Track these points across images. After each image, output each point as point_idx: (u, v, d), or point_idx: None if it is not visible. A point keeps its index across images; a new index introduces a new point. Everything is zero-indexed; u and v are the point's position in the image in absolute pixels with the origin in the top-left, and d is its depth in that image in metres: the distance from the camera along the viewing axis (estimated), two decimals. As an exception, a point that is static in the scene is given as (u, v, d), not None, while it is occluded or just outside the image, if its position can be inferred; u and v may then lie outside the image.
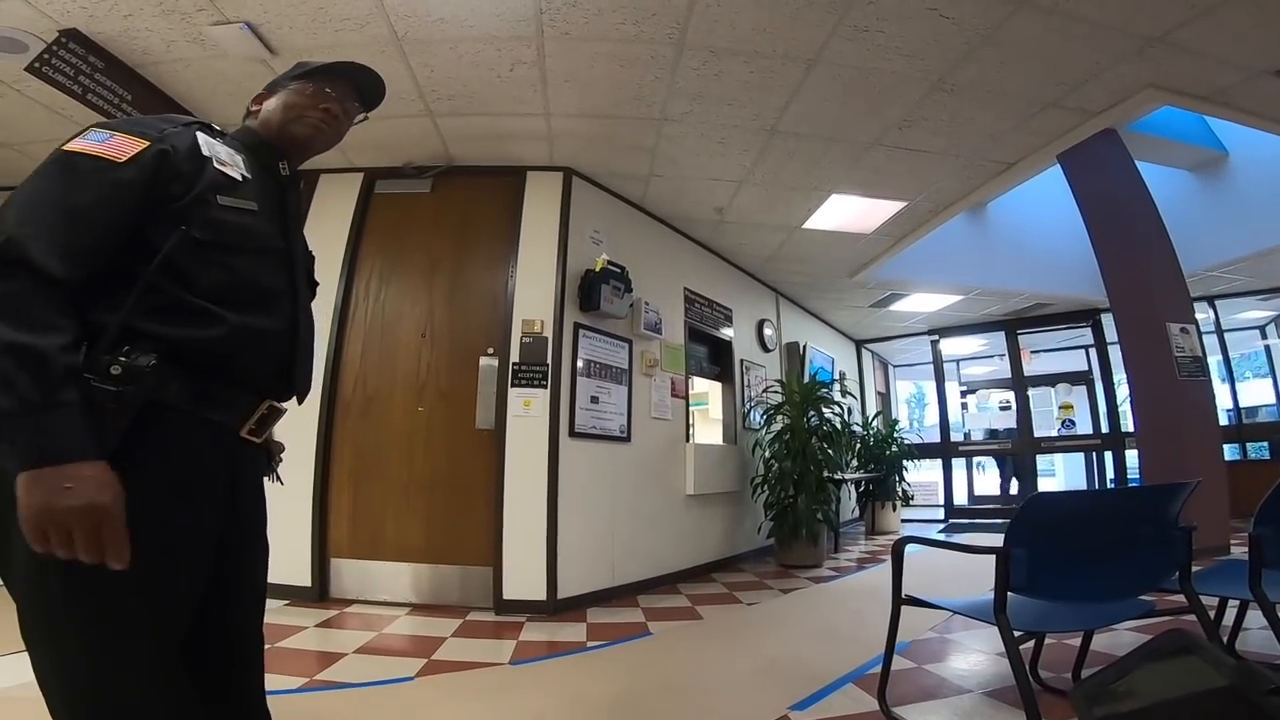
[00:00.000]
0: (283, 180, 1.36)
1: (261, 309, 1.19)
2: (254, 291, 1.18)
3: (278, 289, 1.24)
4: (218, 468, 1.16)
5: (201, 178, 1.14)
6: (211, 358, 1.11)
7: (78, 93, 3.34)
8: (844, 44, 3.35)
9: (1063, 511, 2.05)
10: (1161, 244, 5.28)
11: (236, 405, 1.19)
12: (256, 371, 1.20)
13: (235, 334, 1.13)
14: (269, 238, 1.25)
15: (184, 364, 1.08)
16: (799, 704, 2.45)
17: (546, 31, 3.27)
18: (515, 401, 4.19)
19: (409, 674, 2.79)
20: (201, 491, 1.12)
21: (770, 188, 5.04)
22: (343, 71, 1.44)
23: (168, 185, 1.10)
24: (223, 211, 1.15)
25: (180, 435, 1.09)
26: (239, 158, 1.25)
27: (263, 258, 1.22)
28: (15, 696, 2.27)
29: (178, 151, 1.12)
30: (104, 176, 1.04)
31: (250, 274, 1.18)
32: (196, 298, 1.09)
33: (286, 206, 1.34)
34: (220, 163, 1.19)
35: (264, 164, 1.33)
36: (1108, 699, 1.19)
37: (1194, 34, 3.29)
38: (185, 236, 1.09)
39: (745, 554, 6.30)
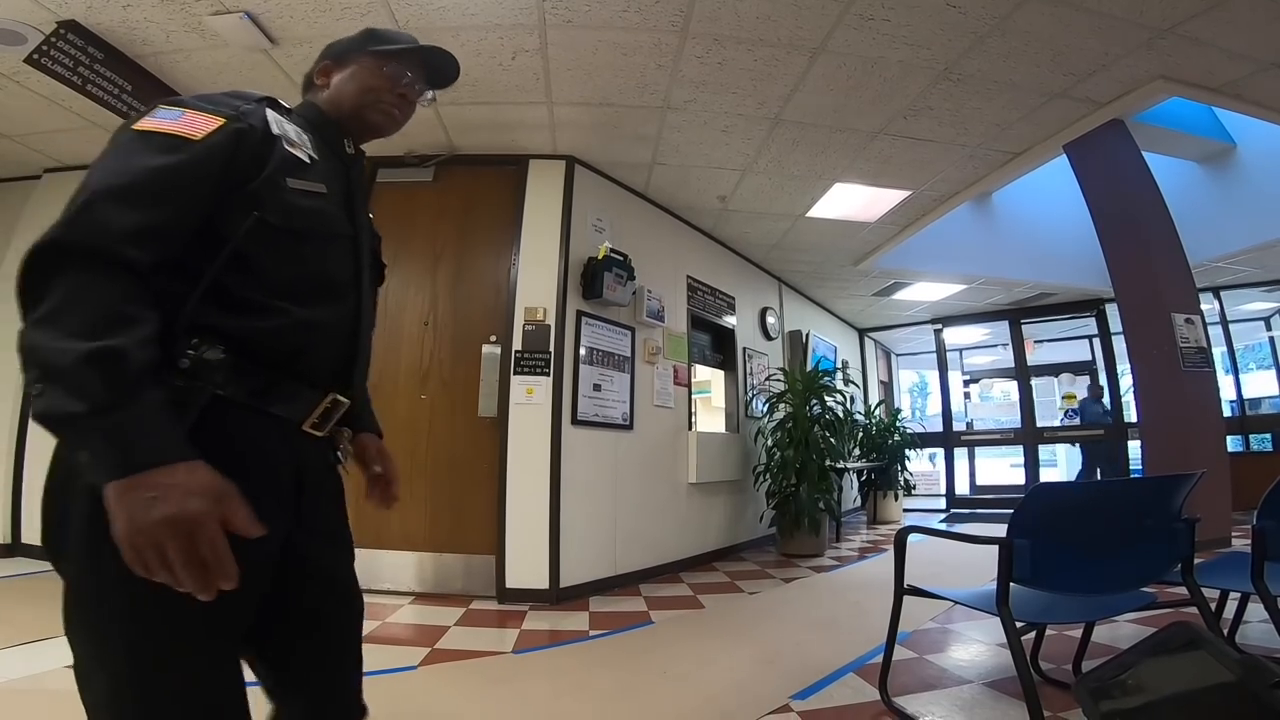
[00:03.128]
0: (347, 159, 1.27)
1: (327, 300, 1.12)
2: (321, 282, 1.12)
3: (344, 278, 1.17)
4: (282, 464, 1.08)
5: (272, 158, 1.07)
6: (277, 352, 1.05)
7: (77, 84, 3.33)
8: (849, 32, 3.32)
9: (1066, 502, 2.05)
10: (1167, 235, 5.25)
11: (300, 399, 1.10)
12: (320, 365, 1.13)
13: (300, 327, 1.06)
14: (337, 223, 1.17)
15: (249, 357, 1.01)
16: (800, 693, 2.46)
17: (549, 19, 3.24)
18: (518, 389, 4.20)
19: (412, 663, 2.81)
20: (266, 489, 1.01)
21: (774, 176, 5.02)
22: (425, 56, 1.35)
23: (244, 166, 1.03)
24: (294, 195, 1.08)
25: (244, 432, 1.02)
26: (306, 137, 1.19)
27: (331, 244, 1.15)
28: (21, 689, 2.29)
29: (254, 133, 1.06)
30: (177, 155, 0.96)
31: (318, 262, 1.12)
32: (263, 288, 1.03)
33: (352, 188, 1.26)
34: (290, 143, 1.12)
35: (329, 143, 1.25)
36: (1113, 693, 1.19)
37: (1204, 26, 3.25)
38: (258, 221, 1.02)
39: (747, 543, 6.32)
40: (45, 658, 2.57)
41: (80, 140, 4.50)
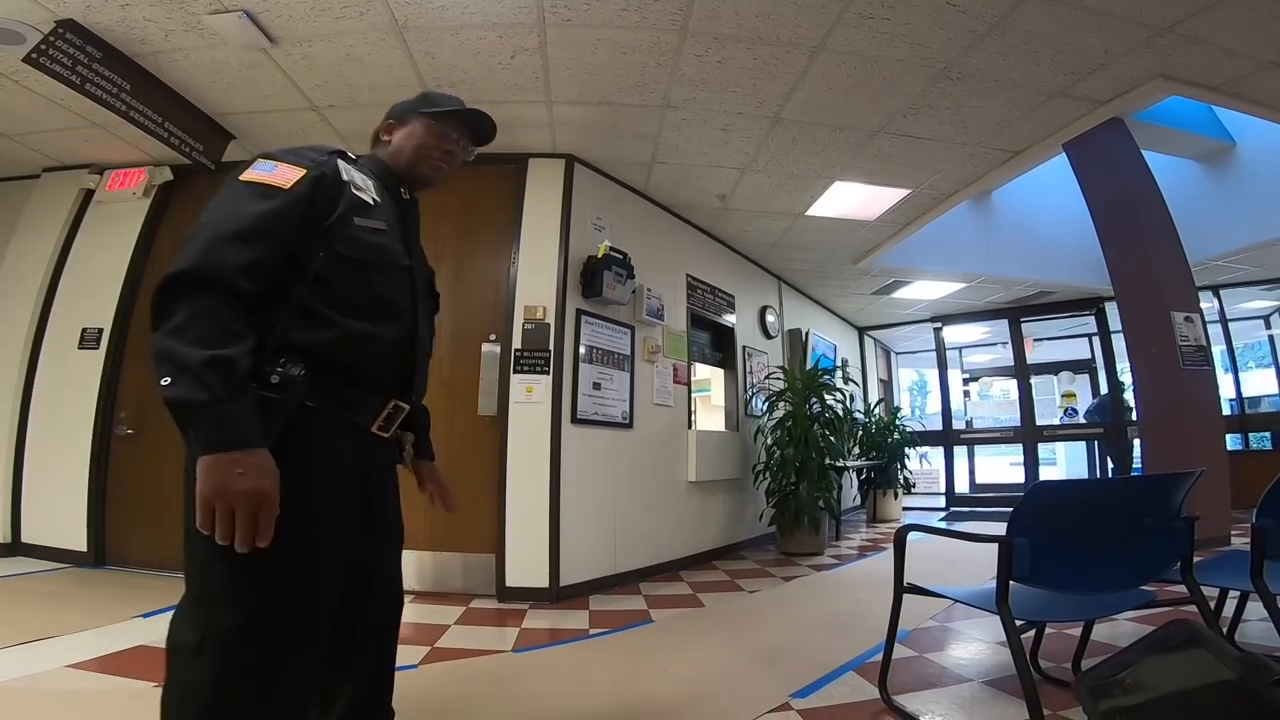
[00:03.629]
0: (404, 204, 1.52)
1: (388, 319, 1.34)
2: (384, 304, 1.34)
3: (403, 302, 1.40)
4: (353, 461, 1.31)
5: (342, 200, 1.30)
6: (347, 365, 1.27)
7: (76, 83, 3.33)
8: (849, 31, 3.32)
9: (1066, 501, 2.05)
10: (1167, 233, 5.25)
11: (367, 406, 1.33)
12: (383, 376, 1.35)
13: (363, 339, 1.28)
14: (398, 255, 1.40)
15: (325, 370, 1.23)
16: (800, 691, 2.47)
17: (548, 18, 3.24)
18: (517, 388, 4.19)
19: (412, 662, 2.80)
20: (340, 482, 1.27)
21: (773, 175, 5.02)
22: (468, 118, 1.60)
23: (321, 207, 1.27)
24: (360, 231, 1.31)
25: (324, 433, 1.24)
26: (370, 183, 1.42)
27: (392, 273, 1.38)
28: (20, 689, 2.29)
29: (328, 178, 1.30)
30: (273, 201, 1.21)
31: (382, 288, 1.34)
32: (336, 311, 1.25)
33: (408, 227, 1.51)
34: (357, 188, 1.35)
35: (390, 189, 1.49)
36: (1112, 691, 1.19)
37: (1204, 24, 3.25)
38: (331, 252, 1.26)
39: (747, 541, 6.33)
40: (44, 658, 2.57)
41: (79, 139, 4.49)
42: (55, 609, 3.27)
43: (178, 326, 1.06)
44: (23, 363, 4.54)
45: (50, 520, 4.39)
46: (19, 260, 4.78)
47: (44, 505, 4.42)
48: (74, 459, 4.35)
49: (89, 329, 4.54)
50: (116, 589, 3.77)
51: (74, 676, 2.40)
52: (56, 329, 4.61)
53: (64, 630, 2.90)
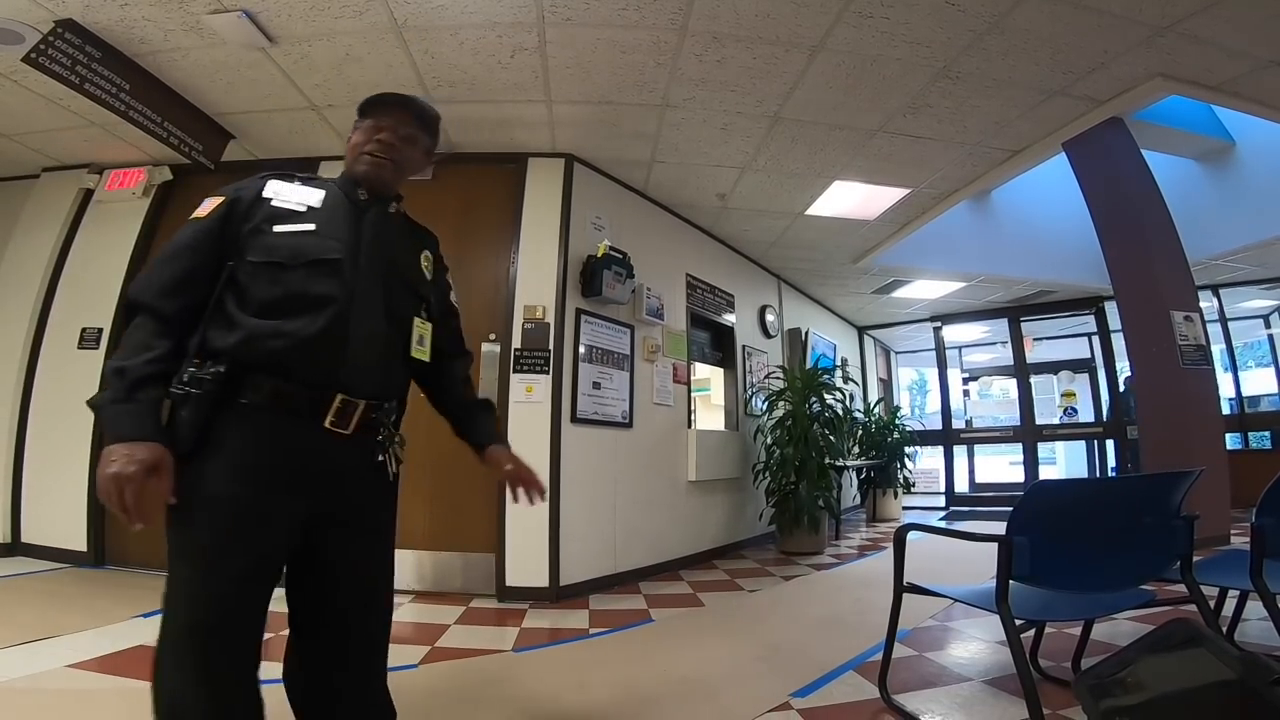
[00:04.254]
0: (363, 206, 1.55)
1: (304, 314, 1.36)
2: (303, 300, 1.37)
3: (328, 294, 1.40)
4: (289, 454, 1.35)
5: (257, 214, 1.42)
6: (265, 362, 1.32)
7: (75, 83, 3.32)
8: (848, 30, 3.32)
9: (1065, 500, 2.05)
10: (1166, 232, 5.25)
11: (308, 401, 1.36)
12: (314, 370, 1.37)
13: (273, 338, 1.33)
14: (323, 251, 1.43)
15: (250, 368, 1.31)
16: (800, 691, 2.47)
17: (548, 18, 3.24)
18: (517, 387, 4.19)
19: (412, 661, 2.81)
20: (268, 474, 1.32)
21: (773, 174, 5.01)
22: (392, 100, 1.62)
23: (235, 225, 1.40)
24: (276, 237, 1.40)
25: (253, 427, 1.31)
26: (317, 193, 1.51)
27: (312, 269, 1.40)
28: (21, 689, 2.29)
29: (243, 200, 1.43)
30: (191, 229, 1.40)
31: (300, 285, 1.38)
32: (245, 312, 1.34)
33: (366, 227, 1.53)
34: (283, 200, 1.46)
35: (348, 195, 1.56)
36: (1113, 691, 1.19)
37: (1203, 23, 3.25)
38: (243, 261, 1.37)
39: (747, 540, 6.33)
40: (44, 657, 2.57)
41: (78, 139, 4.49)
42: (55, 609, 3.27)
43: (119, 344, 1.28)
44: (22, 362, 4.54)
45: (50, 520, 4.38)
46: (18, 260, 4.78)
47: (44, 505, 4.42)
48: (74, 459, 4.34)
49: (88, 329, 4.54)
50: (116, 589, 3.77)
51: (74, 676, 2.40)
52: (56, 329, 4.61)
53: (64, 630, 2.90)
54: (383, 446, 1.50)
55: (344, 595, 1.47)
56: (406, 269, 1.62)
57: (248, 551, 1.29)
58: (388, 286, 1.52)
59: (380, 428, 1.49)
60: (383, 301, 1.49)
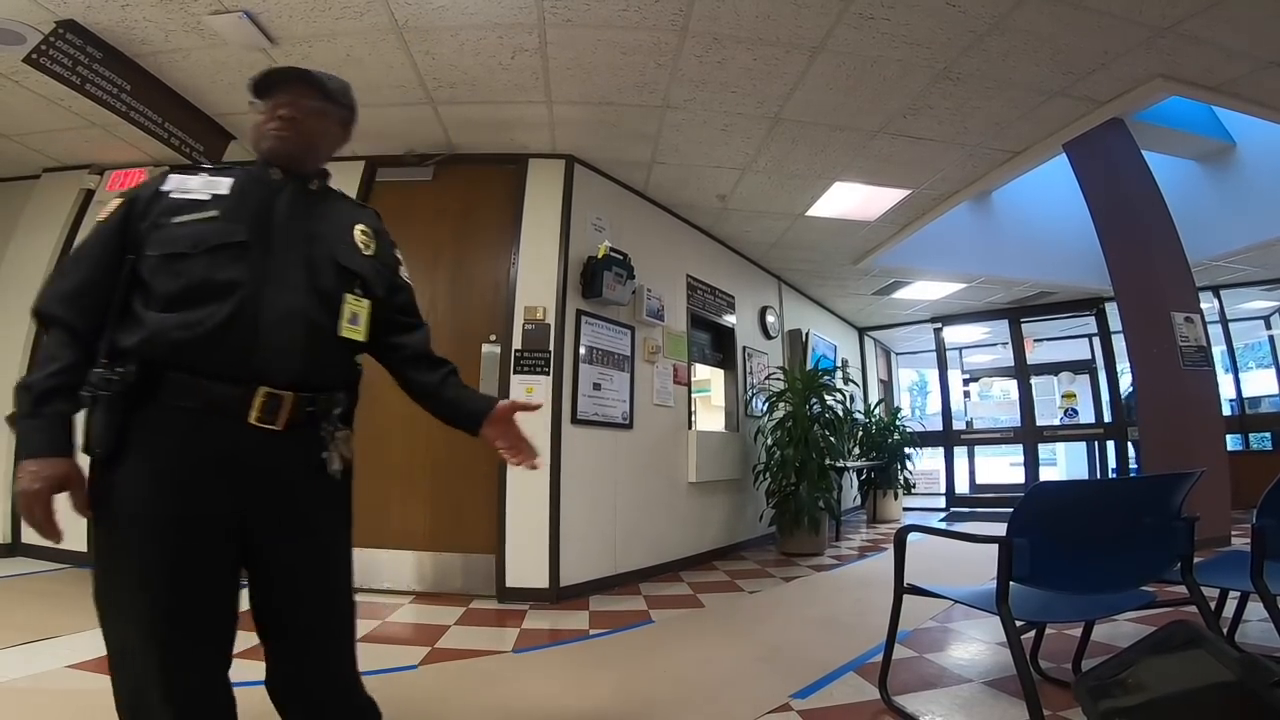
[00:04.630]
0: (276, 186, 1.47)
1: (208, 302, 1.29)
2: (207, 289, 1.30)
3: (233, 280, 1.32)
4: (218, 454, 1.29)
5: (154, 210, 1.36)
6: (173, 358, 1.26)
7: (76, 83, 3.32)
8: (849, 31, 3.32)
9: (1066, 501, 2.05)
10: (1167, 233, 5.25)
11: (229, 396, 1.29)
12: (223, 362, 1.29)
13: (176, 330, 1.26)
14: (225, 234, 1.35)
15: (160, 366, 1.26)
16: (800, 692, 2.46)
17: (548, 19, 3.24)
18: (518, 388, 4.19)
19: (412, 662, 2.81)
20: (190, 476, 1.27)
21: (773, 175, 5.02)
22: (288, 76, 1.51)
23: (134, 223, 1.35)
24: (175, 229, 1.33)
25: (171, 427, 1.27)
26: (223, 181, 1.43)
27: (216, 254, 1.33)
28: (22, 689, 2.29)
29: (141, 198, 1.38)
30: (93, 234, 1.37)
31: (203, 273, 1.31)
32: (147, 309, 1.29)
33: (273, 207, 1.44)
34: (184, 191, 1.39)
35: (259, 178, 1.47)
36: (1113, 692, 1.19)
37: (1203, 24, 3.25)
38: (141, 256, 1.32)
39: (747, 542, 6.32)
40: (45, 657, 2.57)
41: (79, 140, 4.50)
42: (55, 609, 3.27)
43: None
44: (23, 363, 4.53)
45: (50, 520, 4.37)
46: (19, 261, 4.78)
47: (44, 505, 4.41)
48: (74, 459, 4.33)
49: (89, 329, 4.53)
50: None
51: (74, 676, 2.40)
52: (57, 329, 4.60)
53: (64, 630, 2.89)
54: (324, 443, 1.41)
55: (293, 600, 1.39)
56: (335, 244, 1.50)
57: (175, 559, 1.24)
58: (310, 265, 1.43)
59: (321, 422, 1.41)
60: (305, 281, 1.40)
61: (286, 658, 1.42)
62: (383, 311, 1.60)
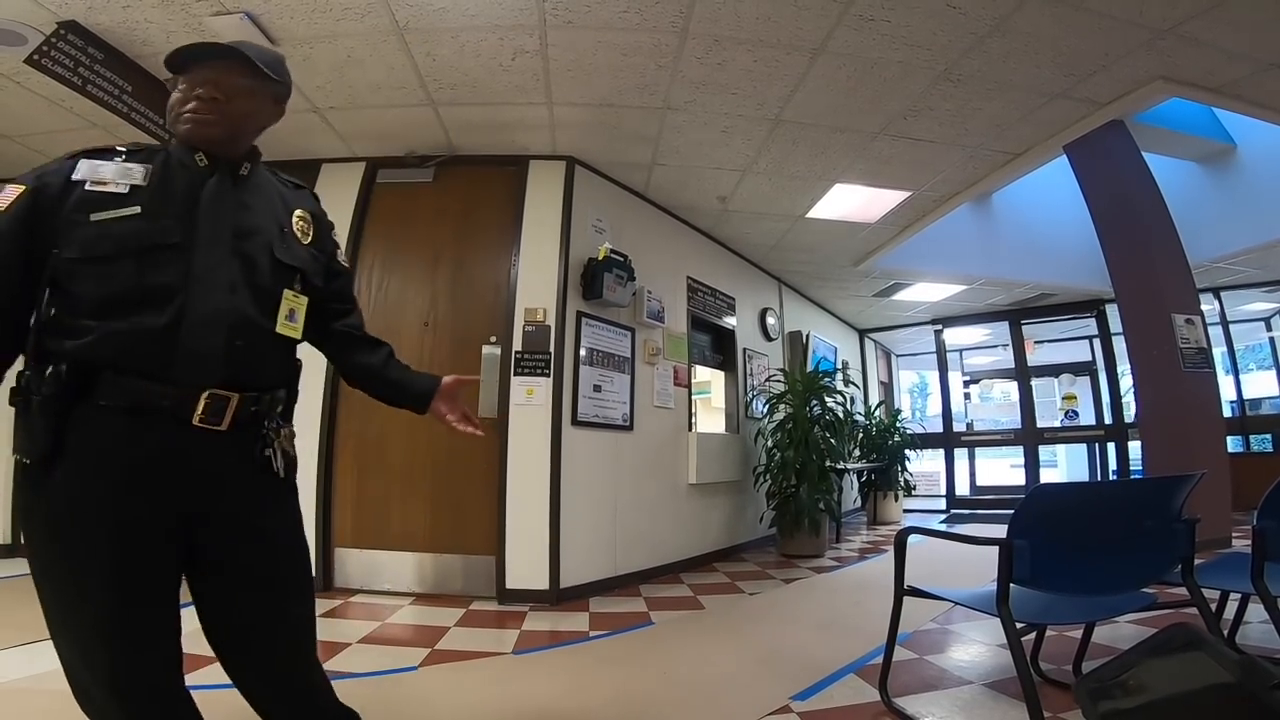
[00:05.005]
0: (203, 171, 1.36)
1: (143, 308, 1.22)
2: (139, 293, 1.23)
3: (164, 284, 1.25)
4: (154, 456, 1.22)
5: (68, 203, 1.23)
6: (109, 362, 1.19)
7: (77, 84, 3.32)
8: (849, 33, 3.32)
9: (1066, 503, 2.05)
10: (1167, 235, 5.25)
11: (170, 398, 1.23)
12: (166, 364, 1.22)
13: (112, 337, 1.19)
14: (156, 235, 1.26)
15: (100, 368, 1.18)
16: (800, 694, 2.46)
17: (549, 20, 3.24)
18: (518, 390, 4.19)
19: (412, 664, 2.81)
20: (125, 478, 1.20)
21: (774, 177, 5.02)
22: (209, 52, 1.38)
23: (43, 216, 1.22)
24: (93, 227, 1.22)
25: (105, 429, 1.19)
26: (138, 169, 1.30)
27: (146, 257, 1.24)
28: (23, 689, 2.29)
29: (50, 187, 1.24)
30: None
31: (134, 278, 1.23)
32: (79, 312, 1.20)
33: (199, 197, 1.33)
34: (98, 183, 1.25)
35: (184, 163, 1.35)
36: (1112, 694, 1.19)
37: (1204, 26, 3.25)
38: (57, 258, 1.21)
39: (747, 543, 6.32)
40: (46, 658, 2.56)
41: (80, 141, 4.41)
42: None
43: None
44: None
45: (51, 521, 4.37)
46: None
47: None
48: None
49: (90, 330, 4.53)
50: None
51: (74, 678, 2.40)
52: (57, 330, 4.60)
53: (64, 631, 2.89)
54: (267, 442, 1.36)
55: (240, 604, 1.34)
56: (271, 236, 1.42)
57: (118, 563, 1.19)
58: (245, 260, 1.35)
59: (264, 420, 1.36)
60: (241, 277, 1.33)
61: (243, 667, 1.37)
62: (320, 300, 1.54)
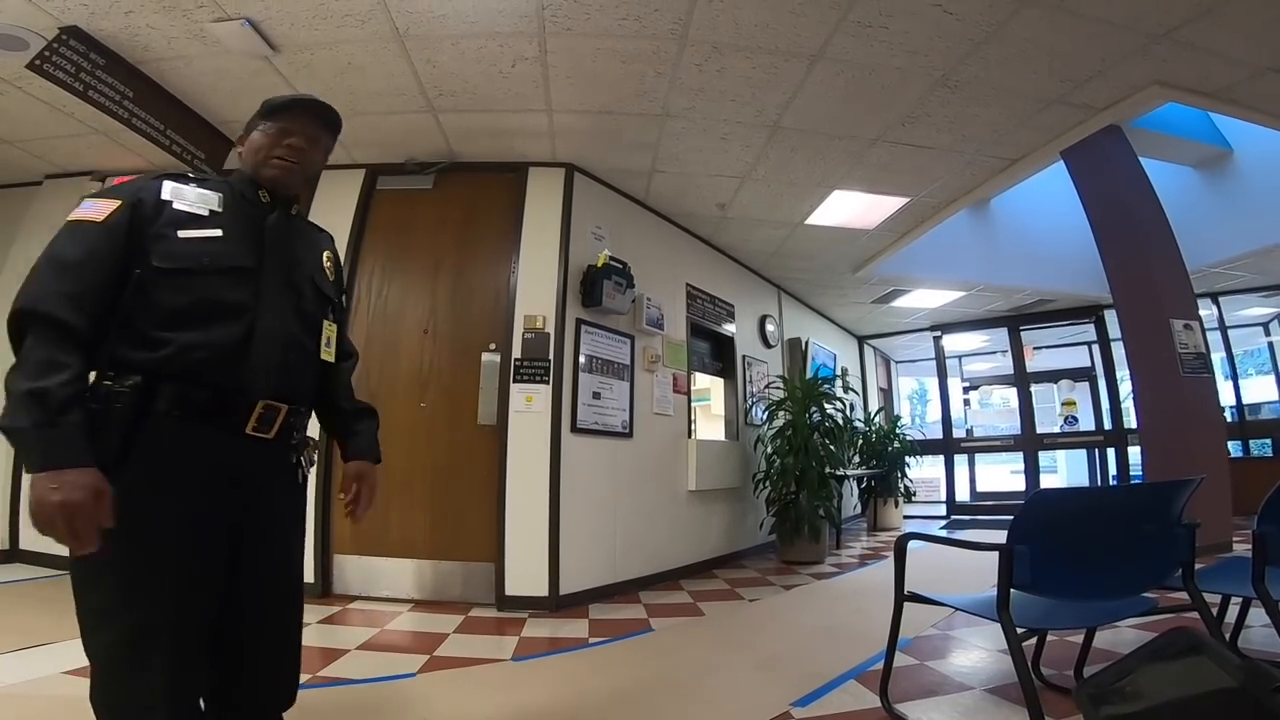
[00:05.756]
0: (263, 209, 1.52)
1: (218, 322, 1.35)
2: (211, 307, 1.35)
3: (240, 303, 1.39)
4: (214, 463, 1.34)
5: (160, 218, 1.35)
6: (181, 372, 1.30)
7: (79, 90, 3.34)
8: (847, 40, 3.34)
9: (1066, 509, 2.05)
10: (1165, 240, 5.25)
11: (228, 408, 1.36)
12: (231, 378, 1.35)
13: (188, 349, 1.30)
14: (232, 258, 1.41)
15: (165, 378, 1.28)
16: (801, 700, 2.45)
17: (548, 27, 3.26)
18: (517, 397, 4.19)
19: (411, 670, 2.80)
20: (192, 484, 1.30)
21: (773, 184, 5.03)
22: (303, 105, 1.57)
23: (139, 229, 1.33)
24: (181, 243, 1.35)
25: (170, 438, 1.29)
26: (214, 195, 1.45)
27: (223, 276, 1.38)
28: (20, 694, 2.28)
29: (144, 203, 1.35)
30: (89, 234, 1.30)
31: (213, 292, 1.36)
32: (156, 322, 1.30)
33: (267, 231, 1.50)
34: (184, 202, 1.40)
35: (248, 197, 1.51)
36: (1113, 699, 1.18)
37: (1200, 31, 3.27)
38: (149, 267, 1.31)
39: (747, 550, 6.31)
40: (44, 663, 2.56)
41: (82, 146, 4.51)
42: (53, 615, 3.25)
43: (18, 363, 1.19)
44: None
45: (49, 528, 4.36)
46: (20, 268, 4.75)
47: (43, 513, 4.40)
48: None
49: (89, 337, 4.53)
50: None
51: (71, 682, 2.39)
52: (57, 337, 4.60)
53: (61, 636, 2.87)
54: (297, 450, 1.52)
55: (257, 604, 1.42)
56: (313, 270, 1.60)
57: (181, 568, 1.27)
58: (297, 290, 1.52)
59: (295, 432, 1.50)
60: (294, 305, 1.50)
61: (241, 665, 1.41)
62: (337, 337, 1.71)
